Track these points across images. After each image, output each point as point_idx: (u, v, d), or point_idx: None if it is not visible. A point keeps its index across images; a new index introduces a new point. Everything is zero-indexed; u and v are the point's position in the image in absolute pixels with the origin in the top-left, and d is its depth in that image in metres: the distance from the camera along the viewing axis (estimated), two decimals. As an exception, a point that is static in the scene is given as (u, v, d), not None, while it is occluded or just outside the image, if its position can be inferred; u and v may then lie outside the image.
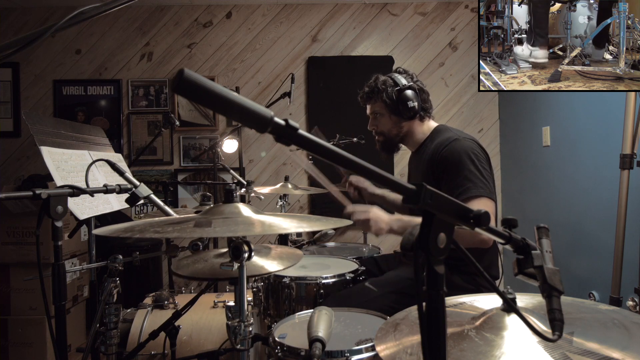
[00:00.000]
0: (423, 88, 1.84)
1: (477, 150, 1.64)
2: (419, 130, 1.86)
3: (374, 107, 1.88)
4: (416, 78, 1.84)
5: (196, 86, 0.42)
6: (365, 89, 1.88)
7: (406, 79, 1.80)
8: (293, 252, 1.44)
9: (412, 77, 1.83)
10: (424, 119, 1.85)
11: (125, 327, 1.70)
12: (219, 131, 3.79)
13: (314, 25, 3.82)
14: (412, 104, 1.77)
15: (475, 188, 1.54)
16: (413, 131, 1.85)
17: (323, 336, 1.09)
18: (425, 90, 1.85)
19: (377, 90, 1.82)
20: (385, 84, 1.81)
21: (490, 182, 1.60)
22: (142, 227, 0.91)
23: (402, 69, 1.87)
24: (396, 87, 1.79)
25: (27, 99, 3.75)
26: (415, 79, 1.84)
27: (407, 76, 1.83)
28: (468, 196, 1.52)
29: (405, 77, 1.81)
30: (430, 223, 0.55)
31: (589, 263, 2.58)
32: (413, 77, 1.83)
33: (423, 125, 1.86)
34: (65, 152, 1.64)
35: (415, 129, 1.85)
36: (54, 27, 0.77)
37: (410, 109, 1.78)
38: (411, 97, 1.78)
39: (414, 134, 1.86)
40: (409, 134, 1.86)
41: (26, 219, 2.71)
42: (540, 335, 0.65)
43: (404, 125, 1.84)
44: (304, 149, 0.49)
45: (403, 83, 1.78)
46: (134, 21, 3.79)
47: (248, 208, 1.11)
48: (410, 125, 1.84)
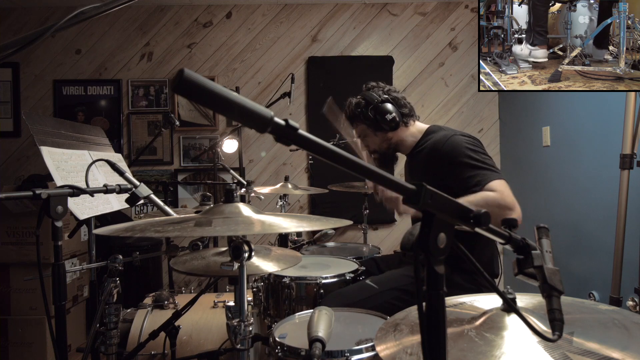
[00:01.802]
0: (396, 96, 1.87)
1: (473, 142, 1.68)
2: (408, 135, 1.88)
3: (358, 131, 1.93)
4: (387, 87, 1.87)
5: (196, 86, 0.42)
6: (343, 116, 1.93)
7: (377, 93, 1.83)
8: (292, 254, 1.44)
9: (382, 89, 1.86)
10: (408, 124, 1.87)
11: (125, 327, 1.70)
12: (219, 131, 3.79)
13: (314, 25, 3.82)
14: (390, 116, 1.81)
15: (490, 174, 1.57)
16: (402, 138, 1.88)
17: (323, 336, 1.09)
18: (399, 97, 1.87)
19: (354, 114, 1.87)
20: (359, 106, 1.85)
21: (494, 165, 1.63)
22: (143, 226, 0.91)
23: (371, 84, 1.90)
24: (369, 105, 1.82)
25: (27, 99, 3.75)
26: (386, 88, 1.87)
27: (378, 89, 1.86)
28: (486, 182, 1.55)
29: (375, 92, 1.84)
30: (430, 223, 0.55)
31: (589, 263, 2.58)
32: (384, 89, 1.86)
33: (411, 129, 1.88)
34: (65, 152, 1.64)
35: (403, 135, 1.88)
36: (54, 27, 0.77)
37: (391, 120, 1.81)
38: (388, 109, 1.81)
39: (404, 141, 1.89)
40: (399, 142, 1.89)
41: (26, 219, 2.71)
42: (540, 335, 0.65)
43: (392, 137, 1.87)
44: (304, 149, 0.49)
45: (375, 99, 1.82)
46: (134, 21, 3.79)
47: (248, 208, 1.11)
48: (397, 134, 1.87)
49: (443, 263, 0.56)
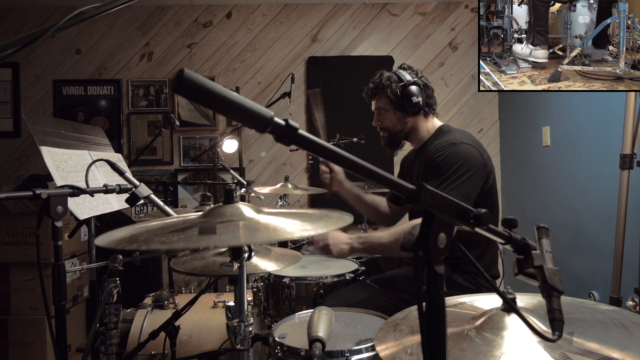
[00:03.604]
0: (427, 84, 1.85)
1: (471, 159, 1.64)
2: (424, 127, 1.86)
3: (378, 103, 1.88)
4: (421, 74, 1.85)
5: (196, 86, 0.42)
6: (370, 85, 1.89)
7: (410, 75, 1.81)
8: (292, 253, 1.44)
9: (416, 73, 1.84)
10: (428, 115, 1.85)
11: (125, 327, 1.70)
12: (219, 131, 3.79)
13: (314, 25, 3.82)
14: (416, 100, 1.78)
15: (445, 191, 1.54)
16: (417, 127, 1.86)
17: (323, 336, 1.09)
18: (429, 86, 1.85)
19: (382, 86, 1.83)
20: (390, 80, 1.81)
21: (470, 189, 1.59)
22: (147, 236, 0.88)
23: (407, 65, 1.88)
24: (400, 82, 1.80)
25: (27, 99, 3.75)
26: (420, 74, 1.84)
27: (412, 72, 1.84)
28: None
29: (409, 73, 1.82)
30: (430, 223, 0.55)
31: (589, 263, 2.58)
32: (418, 73, 1.84)
33: (427, 122, 1.86)
34: (65, 152, 1.64)
35: (419, 125, 1.85)
36: (54, 27, 0.77)
37: (415, 104, 1.78)
38: (415, 92, 1.78)
39: (418, 131, 1.86)
40: (413, 130, 1.86)
41: (26, 219, 2.71)
42: (540, 335, 0.65)
43: (409, 121, 1.84)
44: (304, 149, 0.49)
45: (407, 79, 1.79)
46: (134, 21, 3.79)
47: (249, 208, 1.11)
48: (415, 121, 1.84)
49: (443, 263, 0.56)
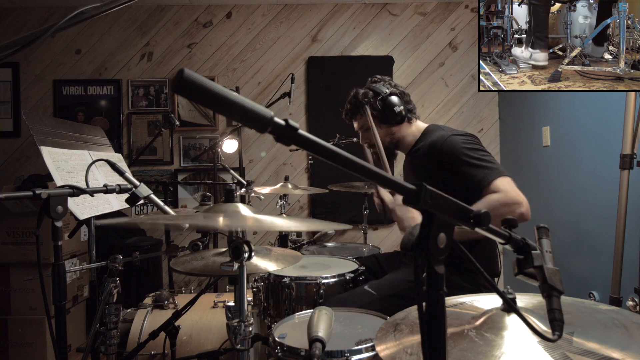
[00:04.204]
0: (403, 91, 1.89)
1: (471, 140, 1.68)
2: (410, 132, 1.89)
3: (360, 122, 1.91)
4: (393, 82, 1.89)
5: (196, 86, 0.42)
6: (347, 105, 1.92)
7: (385, 86, 1.84)
8: (292, 253, 1.44)
9: (389, 82, 1.87)
10: (411, 120, 1.89)
11: (125, 327, 1.70)
12: (219, 131, 3.79)
13: (314, 25, 3.82)
14: (398, 109, 1.82)
15: (491, 172, 1.56)
16: (404, 134, 1.89)
17: (323, 336, 1.09)
18: (405, 93, 1.89)
19: (360, 104, 1.85)
20: (367, 97, 1.84)
21: (494, 161, 1.63)
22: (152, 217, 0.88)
23: (377, 77, 1.91)
24: (378, 96, 1.83)
25: (27, 99, 3.75)
26: (393, 83, 1.88)
27: (385, 83, 1.87)
28: (489, 181, 1.54)
29: (384, 85, 1.85)
30: (430, 223, 0.55)
31: (589, 263, 2.58)
32: (391, 83, 1.88)
33: (412, 127, 1.90)
34: (65, 152, 1.64)
35: (405, 131, 1.89)
36: (54, 27, 0.77)
37: (398, 113, 1.82)
38: (396, 102, 1.82)
39: (405, 137, 1.90)
40: (401, 139, 1.90)
41: (26, 219, 2.71)
42: (540, 335, 0.65)
43: (395, 131, 1.88)
44: (304, 149, 0.49)
45: (384, 91, 1.83)
46: (134, 21, 3.79)
47: (247, 208, 1.11)
48: (401, 129, 1.88)
49: (443, 263, 0.56)
